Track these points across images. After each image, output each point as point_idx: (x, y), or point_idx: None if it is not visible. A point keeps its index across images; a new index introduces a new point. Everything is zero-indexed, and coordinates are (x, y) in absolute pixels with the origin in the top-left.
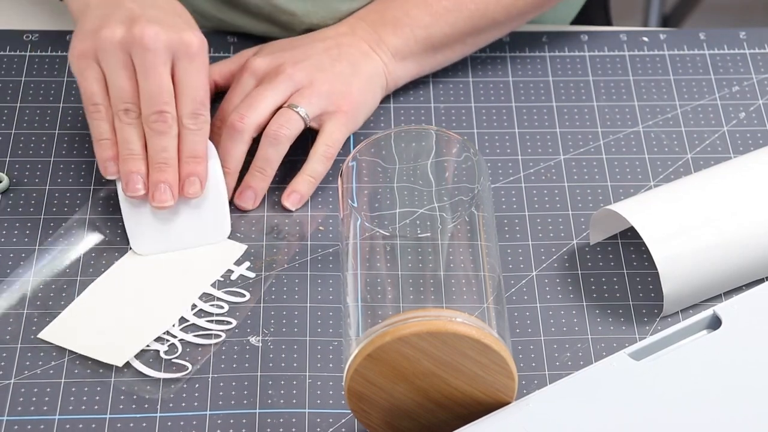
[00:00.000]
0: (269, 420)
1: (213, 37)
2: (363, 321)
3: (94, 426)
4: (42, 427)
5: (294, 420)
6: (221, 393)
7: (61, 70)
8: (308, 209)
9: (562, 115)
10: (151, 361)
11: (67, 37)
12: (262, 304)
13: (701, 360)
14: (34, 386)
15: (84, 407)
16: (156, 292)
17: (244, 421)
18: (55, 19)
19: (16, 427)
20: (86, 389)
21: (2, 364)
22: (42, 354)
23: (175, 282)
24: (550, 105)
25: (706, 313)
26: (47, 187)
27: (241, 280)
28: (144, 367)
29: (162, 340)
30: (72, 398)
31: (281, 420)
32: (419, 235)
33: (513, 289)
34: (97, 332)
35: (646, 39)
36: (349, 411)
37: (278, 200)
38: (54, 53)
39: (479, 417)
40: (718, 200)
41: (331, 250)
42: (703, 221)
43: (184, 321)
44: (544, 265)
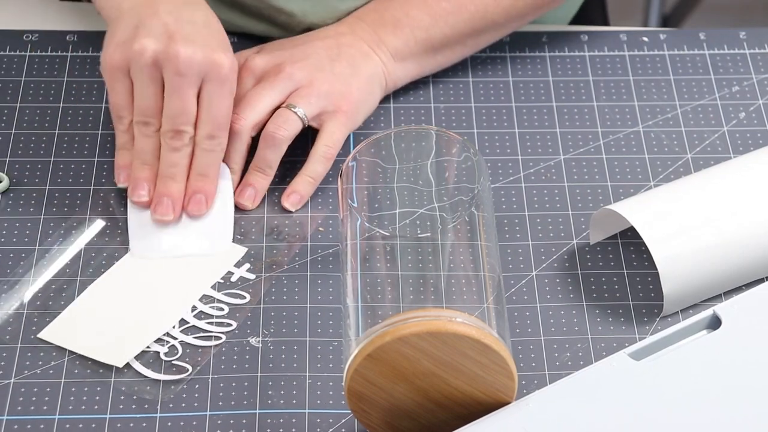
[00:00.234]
0: (269, 420)
1: None
2: (363, 321)
3: (94, 426)
4: (42, 426)
5: (294, 420)
6: (221, 393)
7: (61, 70)
8: (308, 210)
9: (562, 115)
10: (151, 362)
11: (67, 37)
12: (262, 305)
13: (701, 360)
14: (34, 386)
15: (84, 407)
16: (156, 293)
17: (244, 421)
18: (55, 19)
19: (16, 427)
20: (86, 389)
21: (2, 364)
22: (42, 354)
23: (176, 284)
24: (550, 105)
25: (706, 313)
26: (47, 187)
27: (241, 282)
28: (144, 368)
29: (162, 342)
30: (72, 398)
31: (281, 420)
32: (419, 235)
33: (513, 289)
34: (97, 333)
35: (646, 39)
36: (349, 411)
37: (278, 201)
38: (54, 53)
39: (479, 417)
40: (718, 200)
41: (331, 251)
42: (703, 221)
43: (184, 323)
44: (544, 265)
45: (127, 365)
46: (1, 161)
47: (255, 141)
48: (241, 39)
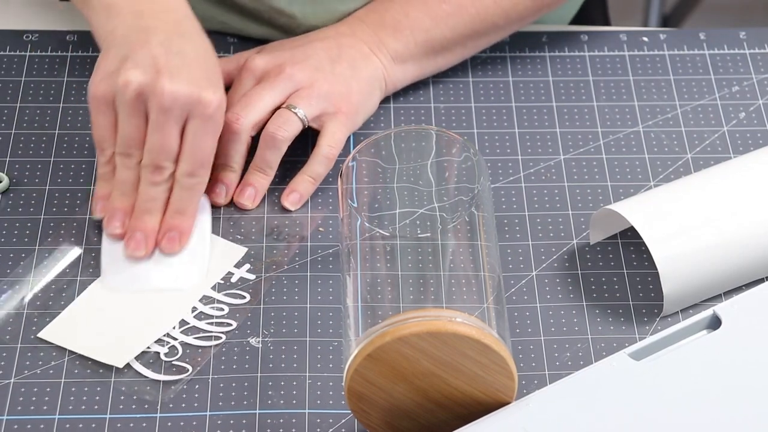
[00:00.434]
0: (269, 420)
1: (213, 38)
2: (363, 321)
3: (94, 426)
4: (42, 426)
5: (294, 420)
6: (221, 394)
7: (60, 70)
8: (308, 210)
9: (562, 115)
10: (152, 362)
11: (67, 37)
12: (262, 305)
13: (701, 360)
14: (34, 386)
15: (84, 407)
16: (156, 294)
17: (244, 421)
18: (55, 19)
19: (16, 427)
20: (86, 389)
21: (2, 364)
22: (42, 354)
23: None
24: (550, 105)
25: (706, 313)
26: (47, 187)
27: (242, 282)
28: (144, 368)
29: (162, 342)
30: (72, 398)
31: (281, 420)
32: (419, 235)
33: (513, 289)
34: (97, 333)
35: (646, 39)
36: (349, 411)
37: (278, 201)
38: (54, 53)
39: (479, 417)
40: (718, 200)
41: (331, 251)
42: (703, 221)
43: (184, 323)
44: (544, 265)
45: (128, 365)
46: (1, 161)
47: (255, 141)
48: (241, 40)
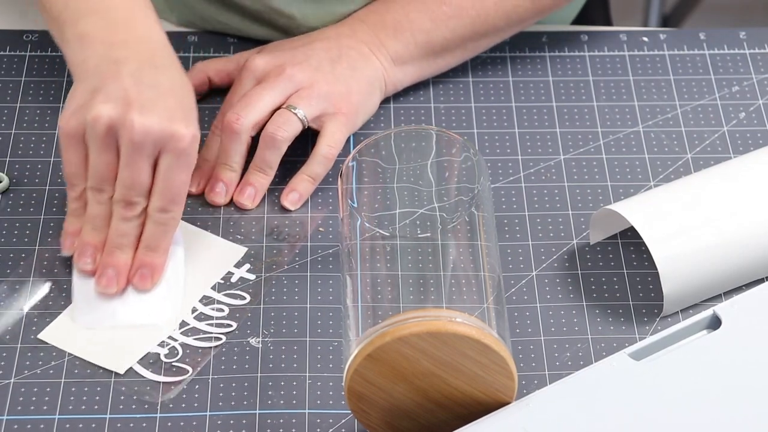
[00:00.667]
0: (269, 421)
1: (213, 38)
2: (363, 321)
3: (94, 426)
4: (42, 426)
5: (294, 420)
6: (221, 394)
7: (60, 70)
8: (308, 210)
9: (562, 115)
10: (152, 363)
11: None
12: (262, 306)
13: (701, 360)
14: (34, 386)
15: (84, 407)
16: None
17: (244, 421)
18: None
19: (16, 427)
20: (86, 389)
21: (2, 364)
22: (42, 354)
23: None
24: (550, 105)
25: (706, 313)
26: (47, 187)
27: (242, 282)
28: (144, 370)
29: (163, 343)
30: (72, 398)
31: (281, 421)
32: (419, 235)
33: (513, 289)
34: (98, 336)
35: (646, 39)
36: (349, 411)
37: (278, 201)
38: (54, 53)
39: (479, 417)
40: (718, 200)
41: (331, 251)
42: (703, 221)
43: (184, 324)
44: (544, 265)
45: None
46: (1, 161)
47: (255, 141)
48: (241, 41)
